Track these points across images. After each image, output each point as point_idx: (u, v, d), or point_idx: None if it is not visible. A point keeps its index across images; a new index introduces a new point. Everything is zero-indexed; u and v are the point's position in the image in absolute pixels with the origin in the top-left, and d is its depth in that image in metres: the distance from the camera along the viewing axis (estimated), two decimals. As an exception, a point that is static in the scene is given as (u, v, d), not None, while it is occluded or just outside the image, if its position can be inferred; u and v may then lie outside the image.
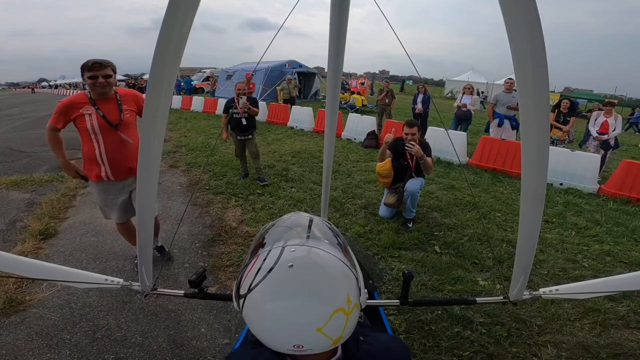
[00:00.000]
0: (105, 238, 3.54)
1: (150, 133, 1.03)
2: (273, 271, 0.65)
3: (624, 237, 3.83)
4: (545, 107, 0.92)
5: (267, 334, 0.66)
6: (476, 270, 3.08)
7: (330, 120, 2.01)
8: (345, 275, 0.68)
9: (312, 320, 0.62)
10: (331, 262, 0.68)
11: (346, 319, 0.65)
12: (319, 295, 0.64)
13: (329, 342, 0.64)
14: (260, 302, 0.64)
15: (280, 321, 0.63)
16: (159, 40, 0.86)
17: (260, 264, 0.67)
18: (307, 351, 0.63)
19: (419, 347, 2.19)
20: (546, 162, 1.01)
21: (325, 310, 0.63)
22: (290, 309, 0.62)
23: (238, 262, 3.10)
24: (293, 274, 0.65)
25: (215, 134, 9.03)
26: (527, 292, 1.37)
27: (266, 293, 0.64)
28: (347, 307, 0.65)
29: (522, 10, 0.79)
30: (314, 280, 0.65)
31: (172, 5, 0.81)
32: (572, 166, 5.53)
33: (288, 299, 0.63)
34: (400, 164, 4.03)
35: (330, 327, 0.63)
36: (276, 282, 0.64)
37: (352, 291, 0.67)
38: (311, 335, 0.62)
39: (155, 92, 0.97)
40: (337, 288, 0.66)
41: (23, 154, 7.33)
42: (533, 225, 1.15)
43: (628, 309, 2.59)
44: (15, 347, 2.13)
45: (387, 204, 4.08)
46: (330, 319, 0.63)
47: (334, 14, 1.36)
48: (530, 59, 0.86)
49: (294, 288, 0.64)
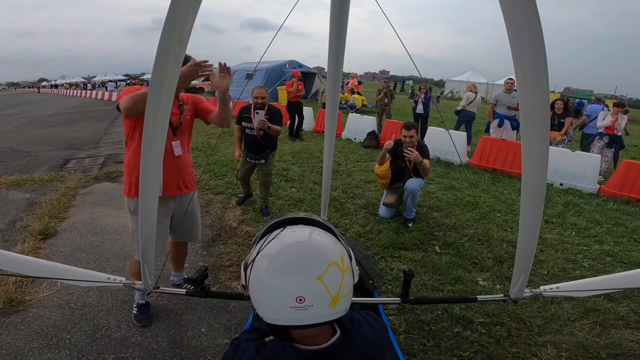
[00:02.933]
0: (105, 238, 3.54)
1: (153, 132, 1.04)
2: (279, 235, 0.76)
3: (624, 237, 3.83)
4: (545, 106, 0.93)
5: (271, 294, 0.71)
6: (476, 271, 3.08)
7: (331, 120, 2.01)
8: (337, 242, 0.78)
9: (312, 268, 0.70)
10: (324, 233, 0.79)
11: (341, 275, 0.72)
12: (316, 248, 0.74)
13: (327, 297, 0.70)
14: (266, 262, 0.73)
15: (285, 272, 0.71)
16: (161, 41, 0.86)
17: (266, 238, 0.78)
18: (310, 308, 0.68)
19: (419, 347, 2.19)
20: (546, 161, 1.02)
21: (322, 259, 0.72)
22: (293, 260, 0.72)
23: (238, 262, 3.10)
24: (295, 235, 0.77)
25: (215, 134, 9.03)
26: (528, 290, 1.38)
27: (272, 253, 0.74)
28: (341, 263, 0.73)
29: (523, 11, 0.80)
30: (313, 239, 0.76)
31: (173, 6, 0.82)
32: (572, 166, 5.54)
33: (292, 251, 0.73)
34: (399, 165, 4.03)
35: (329, 278, 0.70)
36: (280, 243, 0.74)
37: (344, 254, 0.76)
38: (312, 283, 0.69)
39: (157, 92, 0.98)
40: (332, 246, 0.76)
41: (23, 154, 7.33)
42: (533, 224, 1.16)
43: (628, 309, 2.59)
44: (15, 347, 2.13)
45: (387, 204, 4.08)
46: (328, 269, 0.70)
47: (334, 14, 1.36)
48: (530, 58, 0.87)
49: (297, 243, 0.75)
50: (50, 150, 7.82)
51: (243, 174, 4.12)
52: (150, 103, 0.98)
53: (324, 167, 2.26)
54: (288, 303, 0.68)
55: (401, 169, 4.02)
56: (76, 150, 7.86)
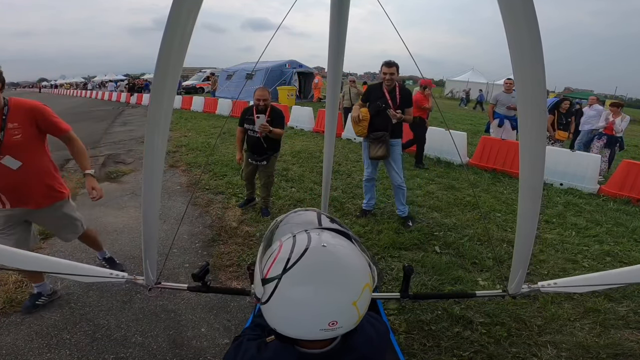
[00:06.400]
0: (105, 238, 3.53)
1: (155, 131, 1.05)
2: (309, 251, 0.69)
3: (624, 237, 3.83)
4: (542, 104, 0.95)
5: (302, 316, 0.66)
6: (476, 271, 3.08)
7: (331, 120, 2.01)
8: (362, 254, 0.75)
9: (350, 294, 0.66)
10: (351, 246, 0.74)
11: (370, 293, 0.70)
12: (350, 271, 0.69)
13: (356, 318, 0.68)
14: (299, 281, 0.66)
15: (321, 297, 0.65)
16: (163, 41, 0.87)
17: (291, 247, 0.70)
18: (338, 329, 0.66)
19: (419, 347, 2.19)
20: (543, 157, 1.04)
21: (357, 282, 0.68)
22: (330, 282, 0.66)
23: (238, 262, 3.10)
24: (327, 253, 0.70)
25: (215, 133, 9.03)
26: (526, 286, 1.39)
27: (305, 271, 0.67)
28: (371, 283, 0.70)
29: (521, 11, 0.81)
30: (346, 257, 0.70)
31: (175, 7, 0.82)
32: (572, 166, 5.53)
33: (327, 274, 0.67)
34: (378, 107, 3.59)
35: (362, 301, 0.67)
36: (314, 261, 0.68)
37: (368, 270, 0.73)
38: (348, 309, 0.66)
39: (159, 92, 0.99)
40: (362, 264, 0.71)
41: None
42: (531, 219, 1.18)
43: (628, 309, 2.59)
44: (15, 347, 2.13)
45: (375, 157, 3.64)
46: (363, 292, 0.67)
47: (334, 13, 1.36)
48: (528, 58, 0.88)
49: (331, 264, 0.68)
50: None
51: (247, 175, 4.10)
52: (152, 103, 0.99)
53: (324, 167, 2.26)
54: (319, 326, 0.65)
55: (381, 111, 3.58)
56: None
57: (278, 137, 3.82)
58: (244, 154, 3.99)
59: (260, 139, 3.75)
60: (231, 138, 8.09)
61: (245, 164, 4.02)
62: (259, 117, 3.60)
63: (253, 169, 4.02)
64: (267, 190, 4.10)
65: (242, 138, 3.92)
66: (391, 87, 3.61)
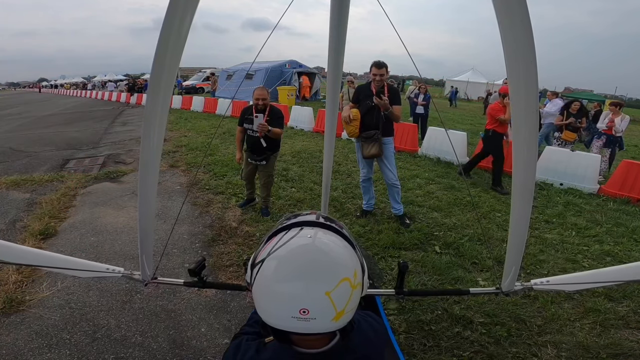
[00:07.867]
0: (105, 238, 3.54)
1: (151, 129, 1.05)
2: (293, 239, 0.72)
3: (624, 237, 3.83)
4: (534, 103, 0.97)
5: (274, 299, 0.68)
6: (476, 271, 3.08)
7: (331, 120, 2.01)
8: (354, 254, 0.74)
9: (323, 284, 0.66)
10: (342, 242, 0.75)
11: (351, 291, 0.69)
12: (330, 260, 0.70)
13: (332, 313, 0.67)
14: (275, 264, 0.69)
15: (292, 279, 0.67)
16: (160, 39, 0.88)
17: (280, 238, 0.73)
18: (312, 320, 0.65)
19: (419, 347, 2.19)
20: (534, 155, 1.06)
21: (335, 273, 0.68)
22: (303, 267, 0.67)
23: (238, 262, 3.10)
24: (310, 243, 0.72)
25: (215, 134, 9.03)
26: (519, 284, 1.40)
27: (282, 256, 0.70)
28: (353, 279, 0.69)
29: (514, 12, 0.82)
30: (329, 249, 0.72)
31: (172, 6, 0.83)
32: (572, 166, 5.53)
33: (304, 259, 0.69)
34: (367, 106, 3.62)
35: (338, 294, 0.66)
36: (294, 247, 0.70)
37: (358, 269, 0.72)
38: (320, 298, 0.65)
39: (155, 88, 1.00)
40: (347, 259, 0.71)
41: (23, 154, 7.34)
42: (523, 217, 1.19)
43: (628, 309, 2.59)
44: (15, 347, 2.13)
45: (369, 155, 3.65)
46: (339, 285, 0.66)
47: (334, 13, 1.36)
48: (522, 59, 0.91)
49: (311, 251, 0.70)
50: (50, 150, 7.82)
51: (247, 175, 4.10)
52: (149, 98, 1.00)
53: (324, 167, 2.26)
54: (290, 312, 0.65)
55: (371, 109, 3.60)
56: (76, 150, 7.86)
57: (277, 137, 3.82)
58: (244, 153, 3.99)
59: (259, 138, 3.74)
60: (231, 138, 8.09)
61: (245, 164, 4.02)
62: (257, 116, 3.61)
63: (253, 168, 4.02)
64: (267, 190, 4.09)
65: (242, 138, 3.92)
66: (380, 86, 3.62)
